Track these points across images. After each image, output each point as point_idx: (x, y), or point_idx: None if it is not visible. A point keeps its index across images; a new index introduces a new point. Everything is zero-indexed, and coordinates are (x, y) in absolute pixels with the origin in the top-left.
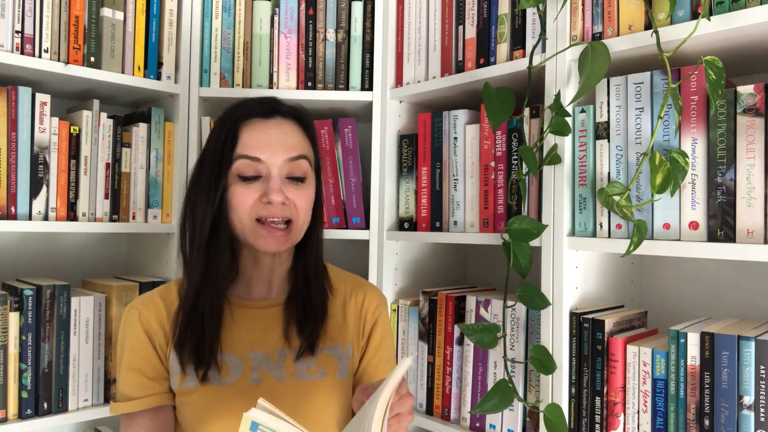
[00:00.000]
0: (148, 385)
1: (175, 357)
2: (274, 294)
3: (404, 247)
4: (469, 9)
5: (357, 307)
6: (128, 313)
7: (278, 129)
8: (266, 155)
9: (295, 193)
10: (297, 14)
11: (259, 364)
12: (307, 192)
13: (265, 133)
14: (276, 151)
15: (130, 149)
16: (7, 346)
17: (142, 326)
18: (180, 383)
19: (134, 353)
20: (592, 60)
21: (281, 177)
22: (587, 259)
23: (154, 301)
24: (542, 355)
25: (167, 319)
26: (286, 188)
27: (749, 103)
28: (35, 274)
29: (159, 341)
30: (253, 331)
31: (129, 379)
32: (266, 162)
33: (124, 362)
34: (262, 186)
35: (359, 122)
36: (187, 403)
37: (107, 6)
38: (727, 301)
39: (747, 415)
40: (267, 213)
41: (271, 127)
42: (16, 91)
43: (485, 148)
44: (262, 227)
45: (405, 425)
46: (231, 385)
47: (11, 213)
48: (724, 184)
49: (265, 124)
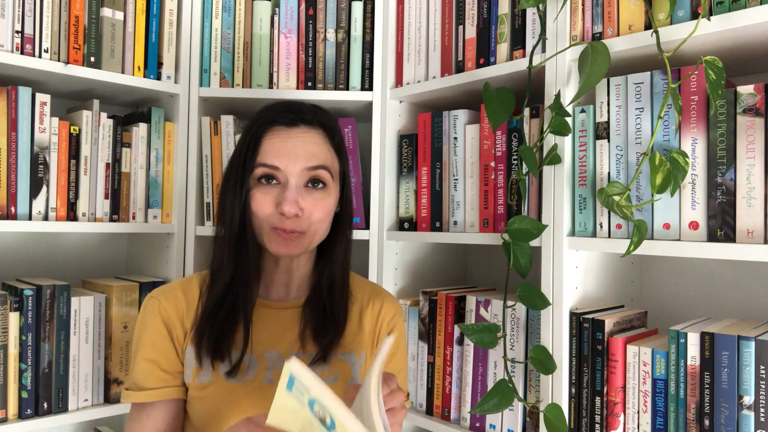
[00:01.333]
0: (162, 377)
1: (191, 350)
2: (292, 296)
3: (404, 247)
4: (469, 9)
5: (374, 315)
6: (148, 302)
7: (300, 138)
8: (284, 163)
9: (312, 202)
10: (297, 14)
11: (273, 364)
12: (325, 201)
13: (286, 142)
14: (295, 159)
15: (130, 149)
16: (7, 346)
17: (161, 317)
18: (194, 377)
19: (151, 344)
20: (592, 60)
21: (298, 186)
22: (587, 259)
23: (175, 292)
24: (542, 355)
25: (186, 312)
26: (303, 197)
27: (749, 103)
28: (35, 274)
29: (177, 334)
30: (270, 332)
31: (144, 369)
32: (284, 170)
33: (140, 352)
34: (280, 193)
35: (359, 122)
36: (200, 398)
37: (107, 6)
38: (727, 301)
39: (747, 415)
40: (281, 225)
41: (293, 136)
42: (16, 91)
43: (485, 148)
44: (275, 232)
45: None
46: (245, 383)
47: (11, 213)
48: (724, 184)
49: (288, 133)
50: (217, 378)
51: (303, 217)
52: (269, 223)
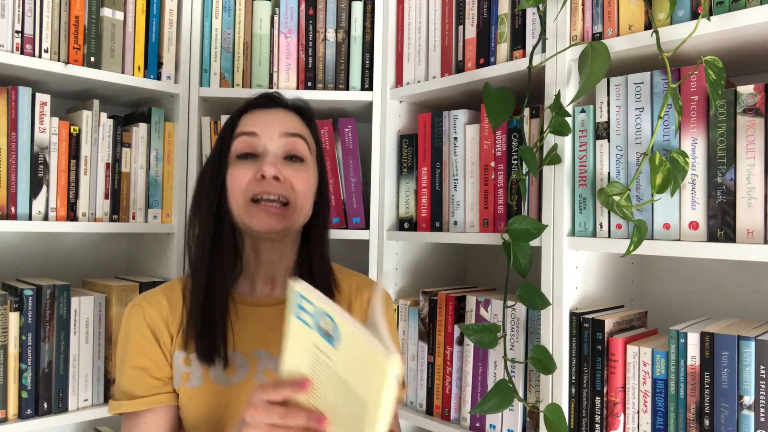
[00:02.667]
0: (153, 384)
1: (179, 355)
2: (277, 292)
3: (404, 247)
4: (469, 9)
5: (362, 306)
6: (131, 309)
7: (276, 113)
8: (262, 129)
9: (292, 173)
10: (297, 14)
11: (264, 364)
12: (305, 174)
13: (262, 115)
14: (272, 126)
15: (130, 149)
16: (7, 346)
17: (147, 323)
18: (184, 383)
19: (139, 351)
20: (592, 60)
21: (277, 155)
22: (587, 259)
23: (157, 298)
24: (542, 355)
25: (171, 318)
26: (282, 167)
27: (749, 103)
28: (35, 274)
29: (164, 339)
30: (258, 330)
31: (133, 377)
32: (261, 136)
33: (127, 360)
34: (258, 165)
35: (359, 122)
36: (191, 403)
37: (107, 6)
38: (727, 301)
39: (747, 415)
40: (261, 189)
41: (270, 112)
42: (16, 91)
43: (485, 148)
44: (256, 206)
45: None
46: (237, 384)
47: (11, 213)
48: (724, 184)
49: (264, 110)
50: (207, 381)
51: (284, 183)
52: (250, 194)
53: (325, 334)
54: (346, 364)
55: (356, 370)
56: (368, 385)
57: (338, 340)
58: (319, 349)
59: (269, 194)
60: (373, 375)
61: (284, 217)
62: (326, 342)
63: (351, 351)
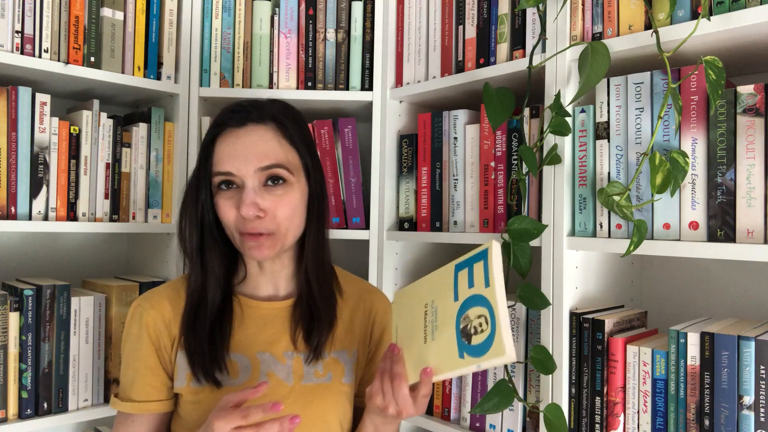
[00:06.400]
0: (146, 391)
1: (183, 356)
2: (282, 294)
3: (404, 247)
4: (469, 9)
5: (365, 312)
6: (134, 311)
7: (249, 138)
8: (236, 167)
9: (274, 200)
10: (297, 14)
11: (267, 366)
12: (288, 197)
13: (236, 144)
14: (246, 161)
15: (130, 149)
16: (7, 346)
17: (147, 329)
18: (189, 382)
19: (137, 356)
20: (592, 60)
21: (255, 187)
22: (587, 259)
23: (160, 300)
24: (542, 355)
25: (173, 318)
26: (262, 197)
27: (749, 103)
28: (35, 274)
29: (164, 342)
30: (262, 332)
31: (131, 378)
32: (238, 174)
33: (131, 362)
34: (239, 197)
35: (359, 122)
36: (195, 402)
37: (107, 6)
38: (727, 301)
39: (747, 415)
40: (245, 229)
41: (242, 136)
42: (16, 91)
43: (485, 148)
44: (246, 238)
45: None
46: (240, 385)
47: (11, 213)
48: (724, 184)
49: (237, 135)
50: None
51: (267, 217)
52: (237, 229)
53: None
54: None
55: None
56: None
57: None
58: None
59: (253, 231)
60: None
61: (273, 246)
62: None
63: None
